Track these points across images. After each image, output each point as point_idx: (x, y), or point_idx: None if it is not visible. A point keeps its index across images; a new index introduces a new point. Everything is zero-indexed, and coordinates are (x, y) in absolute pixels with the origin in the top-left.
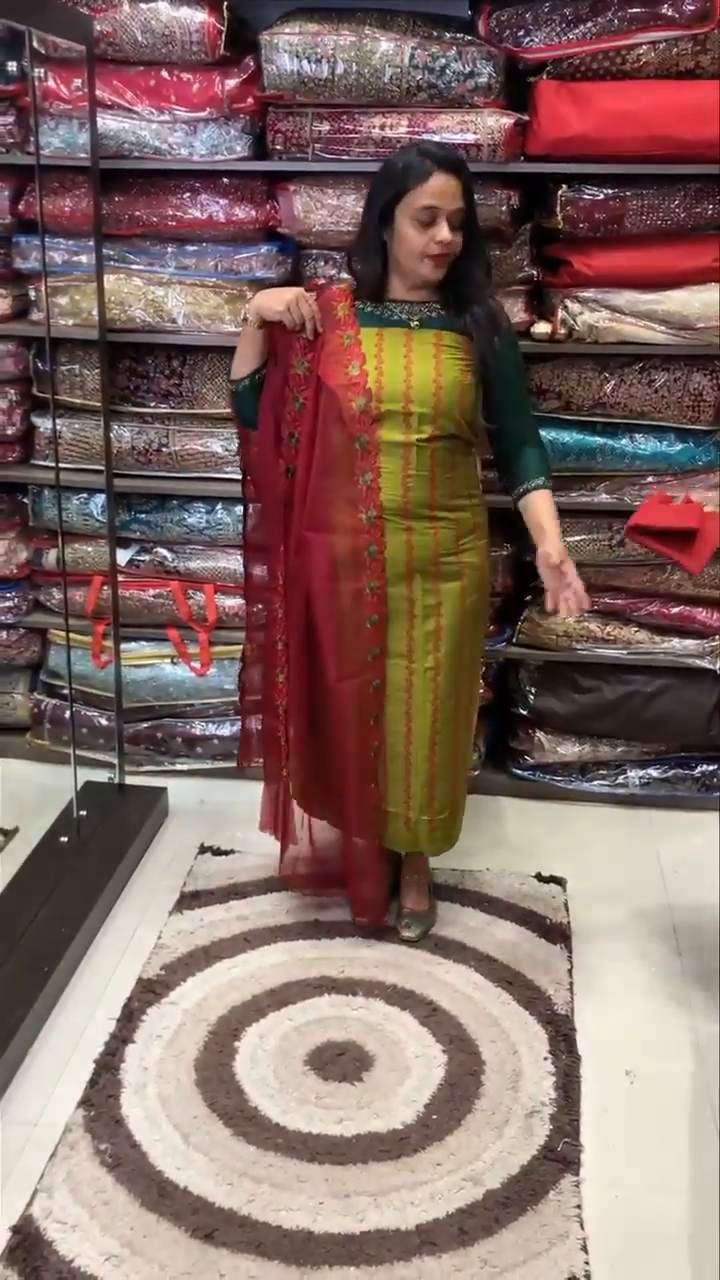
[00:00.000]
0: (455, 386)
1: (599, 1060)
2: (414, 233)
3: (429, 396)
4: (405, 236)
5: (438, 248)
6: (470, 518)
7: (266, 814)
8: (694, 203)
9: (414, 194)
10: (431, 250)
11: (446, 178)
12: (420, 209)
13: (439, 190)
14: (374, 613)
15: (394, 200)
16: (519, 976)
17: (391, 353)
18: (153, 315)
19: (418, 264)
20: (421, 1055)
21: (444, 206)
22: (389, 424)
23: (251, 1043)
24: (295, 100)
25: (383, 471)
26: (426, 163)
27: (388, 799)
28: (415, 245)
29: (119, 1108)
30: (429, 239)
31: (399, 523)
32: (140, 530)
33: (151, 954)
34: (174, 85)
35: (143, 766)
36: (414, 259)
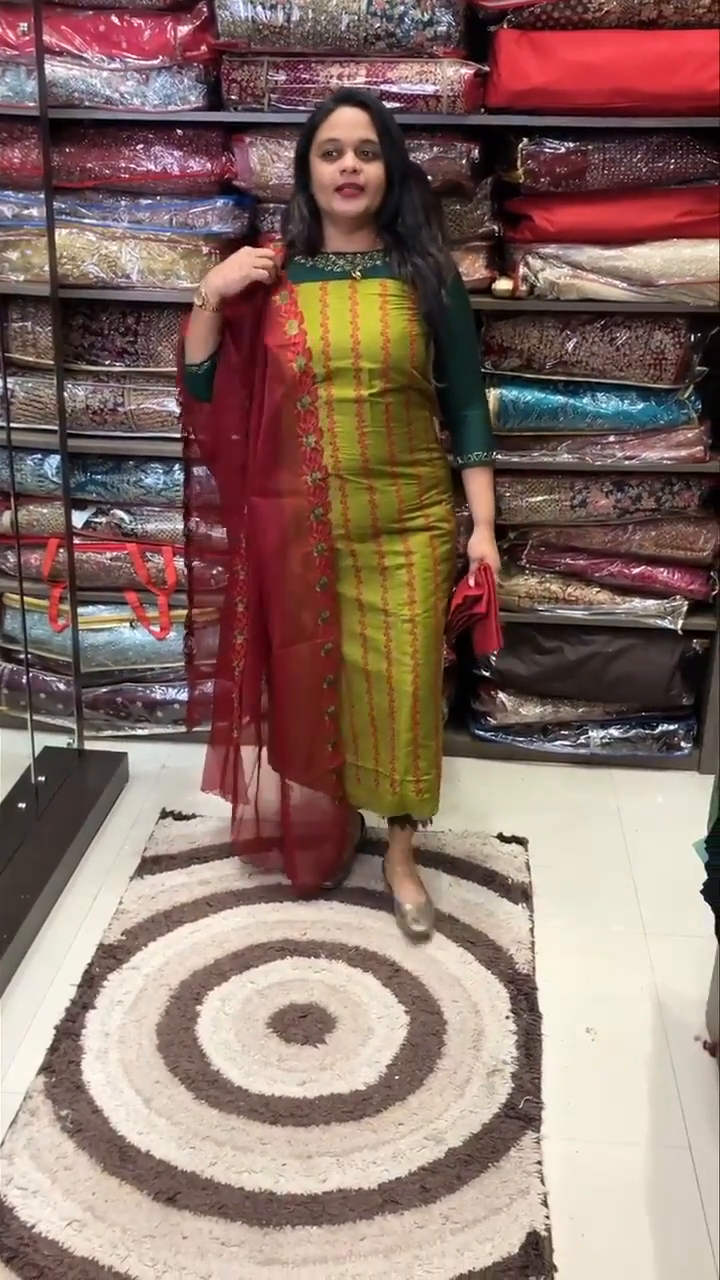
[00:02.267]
0: (404, 338)
1: (560, 1018)
2: (322, 167)
3: (378, 350)
4: (316, 174)
5: (342, 177)
6: (432, 472)
7: (212, 775)
8: (656, 157)
9: (320, 130)
10: (336, 180)
11: (348, 108)
12: (324, 142)
13: (339, 121)
14: (323, 575)
15: (306, 146)
16: (481, 937)
17: (336, 307)
18: (106, 271)
19: (331, 199)
20: (384, 1016)
21: (346, 137)
22: (340, 381)
23: (213, 1007)
24: (250, 48)
25: (338, 431)
26: (328, 102)
27: (373, 760)
28: (325, 179)
29: (80, 1074)
30: (335, 169)
31: (360, 482)
32: (96, 492)
33: (112, 919)
34: (124, 31)
35: (102, 732)
36: (326, 195)
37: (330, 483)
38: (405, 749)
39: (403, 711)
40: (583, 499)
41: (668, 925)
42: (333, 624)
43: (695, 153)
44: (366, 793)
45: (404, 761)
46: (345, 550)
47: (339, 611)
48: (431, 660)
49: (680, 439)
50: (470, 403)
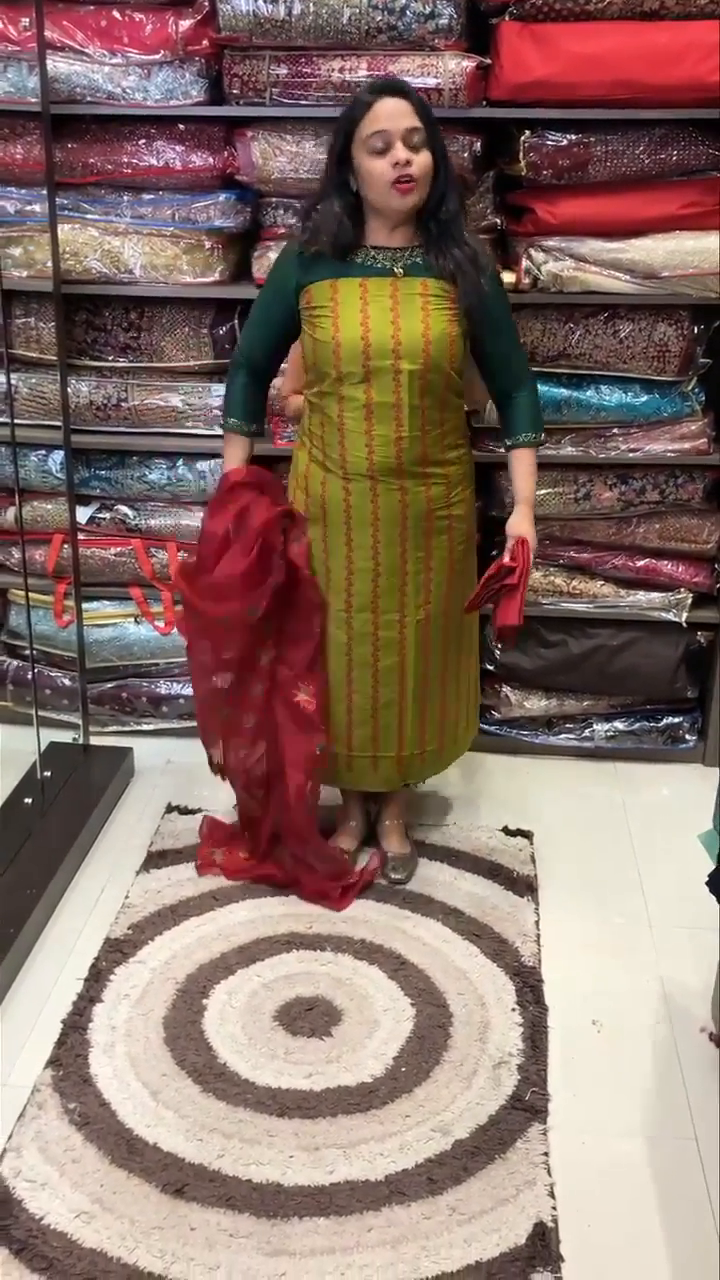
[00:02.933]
0: (444, 338)
1: (566, 1011)
2: (373, 163)
3: (418, 352)
4: (367, 172)
5: (397, 170)
6: (459, 470)
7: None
8: (658, 149)
9: (362, 125)
10: (391, 175)
11: (390, 99)
12: (371, 136)
13: (385, 113)
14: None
15: (347, 142)
16: (486, 929)
17: (377, 306)
18: (109, 266)
19: (388, 196)
20: (390, 1009)
21: (394, 128)
22: (379, 383)
23: (220, 1000)
24: (252, 42)
25: (375, 435)
26: (366, 94)
27: (372, 747)
28: (378, 175)
29: (87, 1067)
30: (388, 164)
31: (392, 483)
32: (100, 487)
33: (119, 914)
34: (126, 26)
35: (108, 727)
36: (382, 192)
37: (359, 483)
38: (413, 729)
39: (413, 702)
40: (587, 492)
41: (673, 918)
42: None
43: (697, 144)
44: (358, 776)
45: (412, 737)
46: (369, 551)
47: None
48: (440, 654)
49: (684, 431)
50: (519, 385)
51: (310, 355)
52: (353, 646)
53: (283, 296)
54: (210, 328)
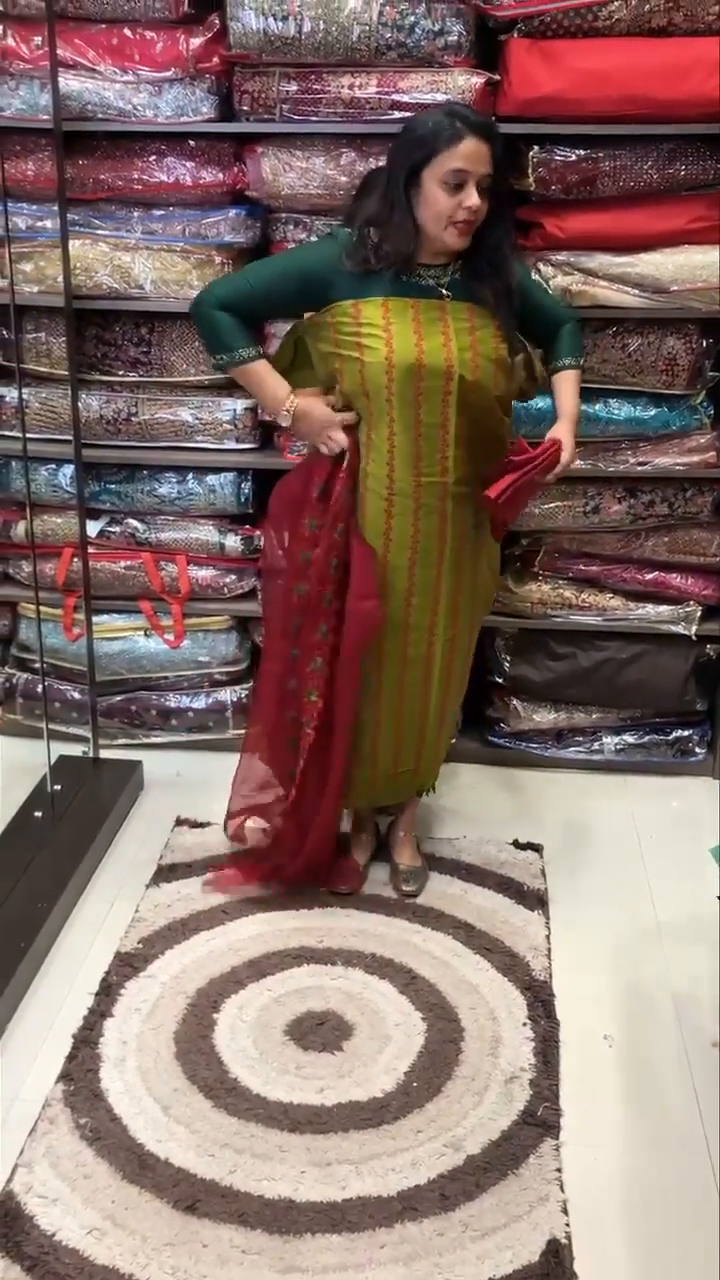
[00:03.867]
0: (493, 359)
1: (578, 1025)
2: (442, 196)
3: (470, 372)
4: (432, 200)
5: (465, 214)
6: None
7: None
8: (667, 163)
9: (444, 156)
10: (459, 216)
11: (478, 142)
12: (450, 172)
13: (470, 154)
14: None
15: (421, 164)
16: (497, 943)
17: (428, 326)
18: (120, 281)
19: (442, 230)
20: (401, 1023)
21: (474, 171)
22: (429, 403)
23: (231, 1014)
24: (262, 60)
25: (424, 455)
26: (458, 124)
27: (393, 763)
28: (443, 210)
29: (98, 1082)
30: (456, 204)
31: (434, 504)
32: (110, 501)
33: (129, 928)
34: (137, 44)
35: (117, 740)
36: (439, 224)
37: (403, 502)
38: (431, 749)
39: (434, 717)
40: (595, 505)
41: (684, 931)
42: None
43: (706, 159)
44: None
45: (429, 760)
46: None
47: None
48: (460, 673)
49: (693, 445)
50: (560, 322)
51: (356, 375)
52: (383, 665)
53: (314, 277)
54: None
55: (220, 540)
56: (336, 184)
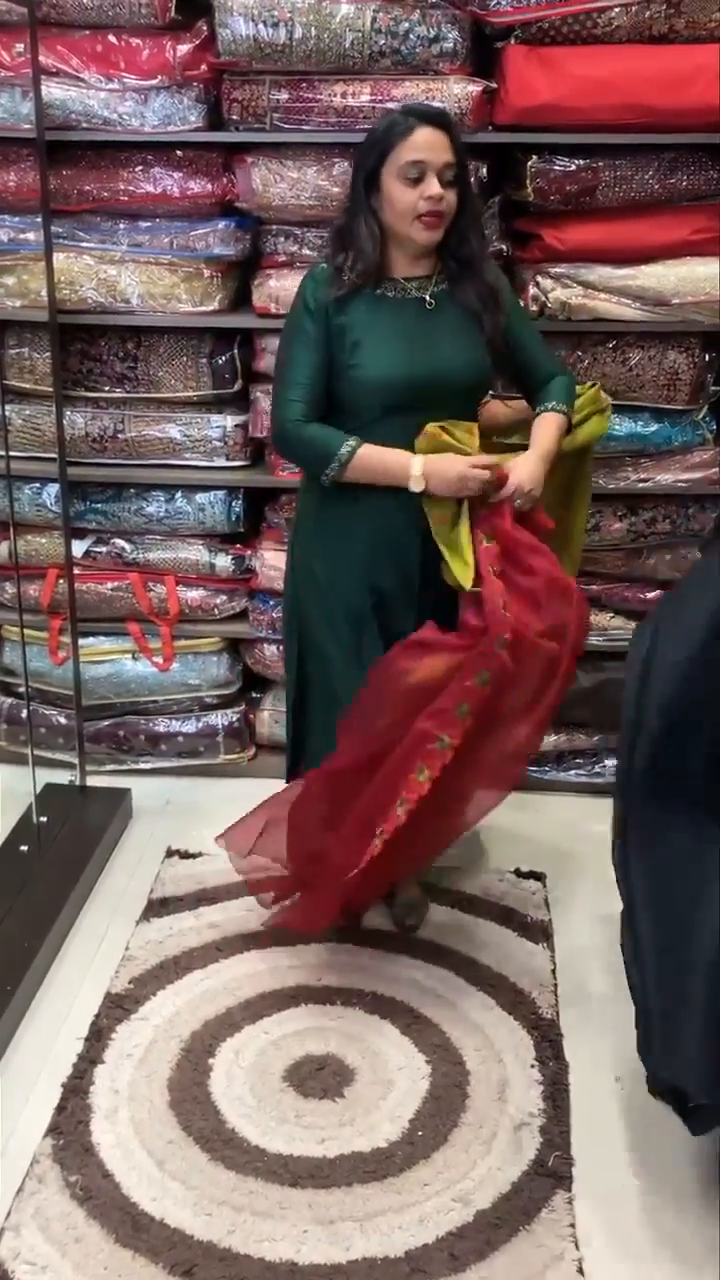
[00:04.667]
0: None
1: (587, 1066)
2: (403, 191)
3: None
4: (394, 198)
5: (428, 204)
6: None
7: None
8: (668, 174)
9: (398, 150)
10: (421, 208)
11: (432, 130)
12: (406, 164)
13: (424, 143)
14: None
15: (378, 163)
16: (501, 980)
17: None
18: (105, 295)
19: (408, 226)
20: (404, 1067)
21: (431, 160)
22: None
23: (227, 1059)
24: (251, 67)
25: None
26: (409, 118)
27: None
28: (405, 204)
29: (89, 1134)
30: (418, 196)
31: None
32: (96, 520)
33: (119, 967)
34: (122, 51)
35: (104, 766)
36: (404, 221)
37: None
38: None
39: None
40: (596, 523)
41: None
42: None
43: (708, 169)
44: None
45: None
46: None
47: None
48: None
49: (695, 461)
50: (553, 375)
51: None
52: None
53: (322, 320)
54: (209, 357)
55: (210, 560)
56: (329, 195)
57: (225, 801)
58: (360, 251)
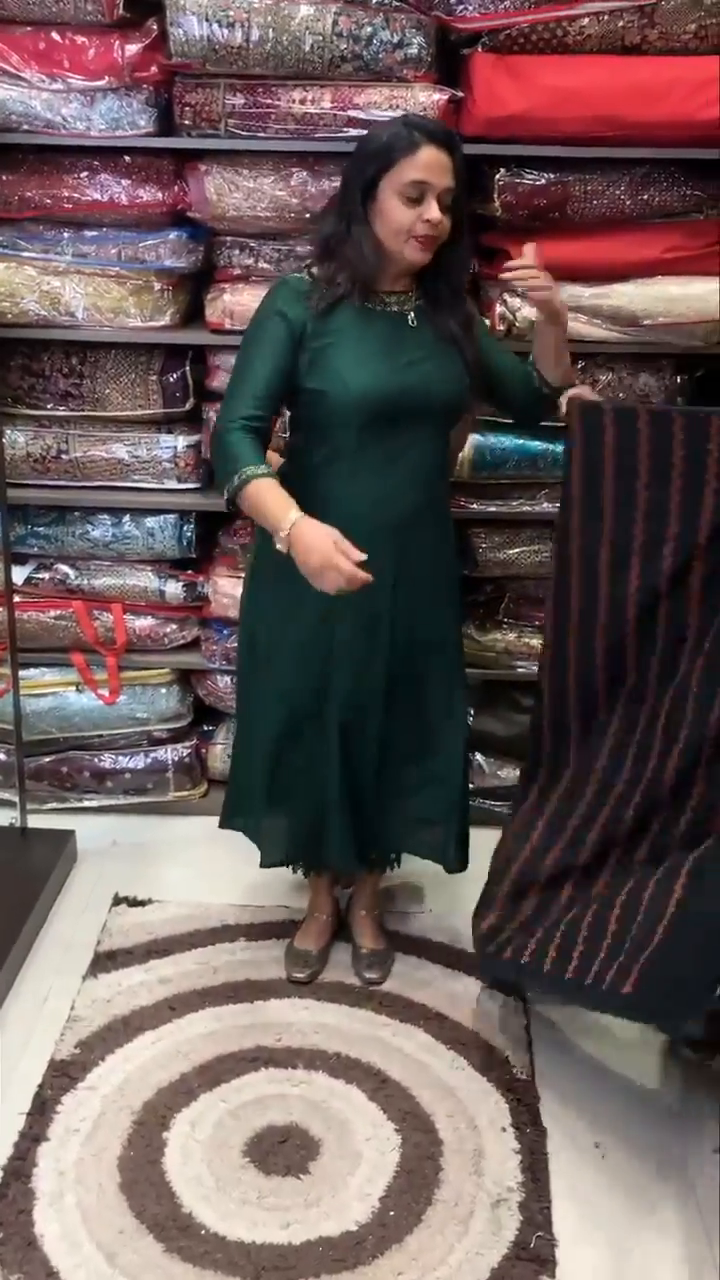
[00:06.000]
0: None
1: (566, 1132)
2: (400, 209)
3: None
4: (389, 214)
5: (425, 228)
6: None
7: None
8: (640, 190)
9: (401, 167)
10: (419, 230)
11: (437, 152)
12: (409, 184)
13: (429, 164)
14: None
15: (377, 176)
16: (473, 1037)
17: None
18: (48, 308)
19: (401, 245)
20: (373, 1137)
21: (434, 183)
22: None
23: (182, 1132)
24: (205, 70)
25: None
26: (415, 134)
27: None
28: (401, 223)
29: (32, 1225)
30: (416, 217)
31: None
32: (38, 545)
33: (64, 1029)
34: (67, 49)
35: (46, 804)
36: (397, 240)
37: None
38: None
39: None
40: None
41: None
42: None
43: (681, 185)
44: None
45: None
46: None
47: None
48: None
49: None
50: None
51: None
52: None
53: (292, 333)
54: (159, 374)
55: (160, 587)
56: (286, 206)
57: (176, 842)
58: (358, 261)
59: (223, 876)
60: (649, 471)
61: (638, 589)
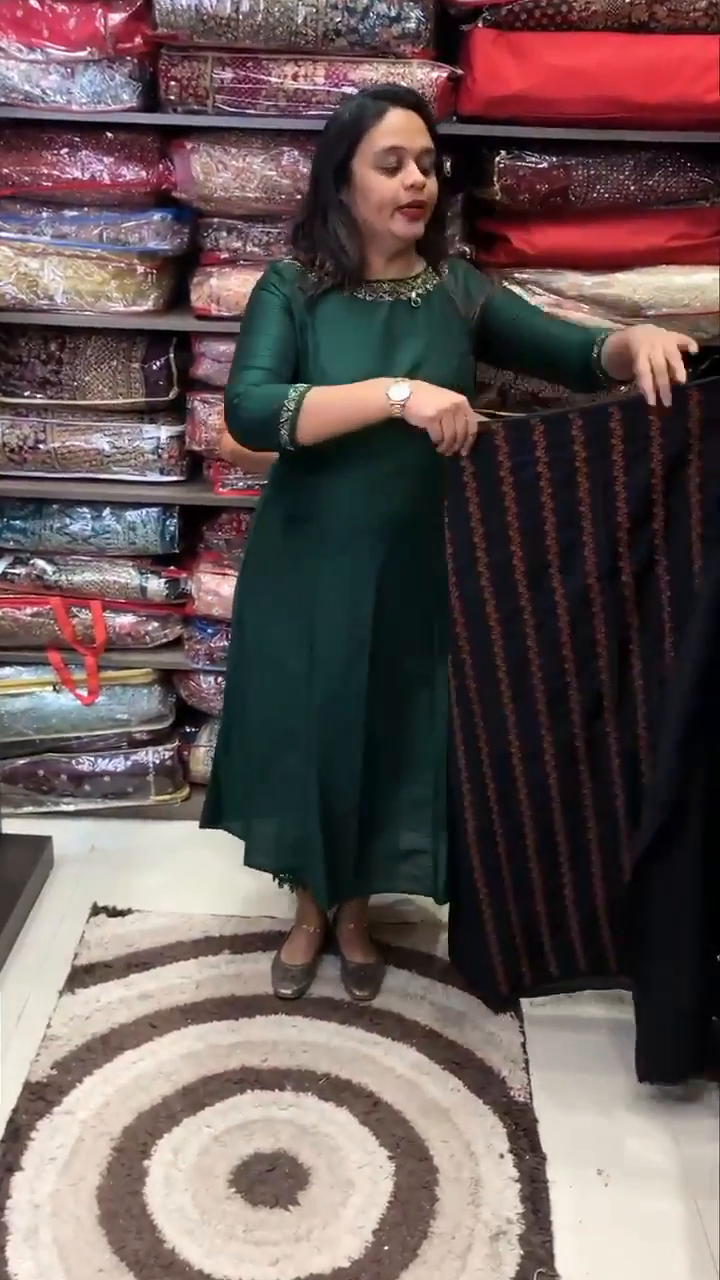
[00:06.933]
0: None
1: (566, 1158)
2: (380, 182)
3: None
4: (369, 190)
5: (410, 194)
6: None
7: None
8: (645, 174)
9: (371, 137)
10: (403, 199)
11: (405, 113)
12: (382, 152)
13: (400, 127)
14: None
15: (348, 154)
16: (468, 1056)
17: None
18: (25, 291)
19: (389, 220)
20: (365, 1164)
21: (409, 146)
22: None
23: (164, 1160)
24: (193, 41)
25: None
26: (379, 102)
27: None
28: (384, 195)
29: (4, 1264)
30: (399, 185)
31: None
32: (14, 539)
33: (39, 1049)
34: (46, 18)
35: (22, 809)
36: (383, 215)
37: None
38: None
39: None
40: None
41: None
42: None
43: (688, 170)
44: None
45: None
46: None
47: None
48: None
49: None
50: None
51: None
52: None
53: (288, 309)
54: (142, 362)
55: (141, 583)
56: (277, 187)
57: (156, 847)
58: (338, 251)
59: (206, 884)
60: (551, 482)
61: (564, 596)
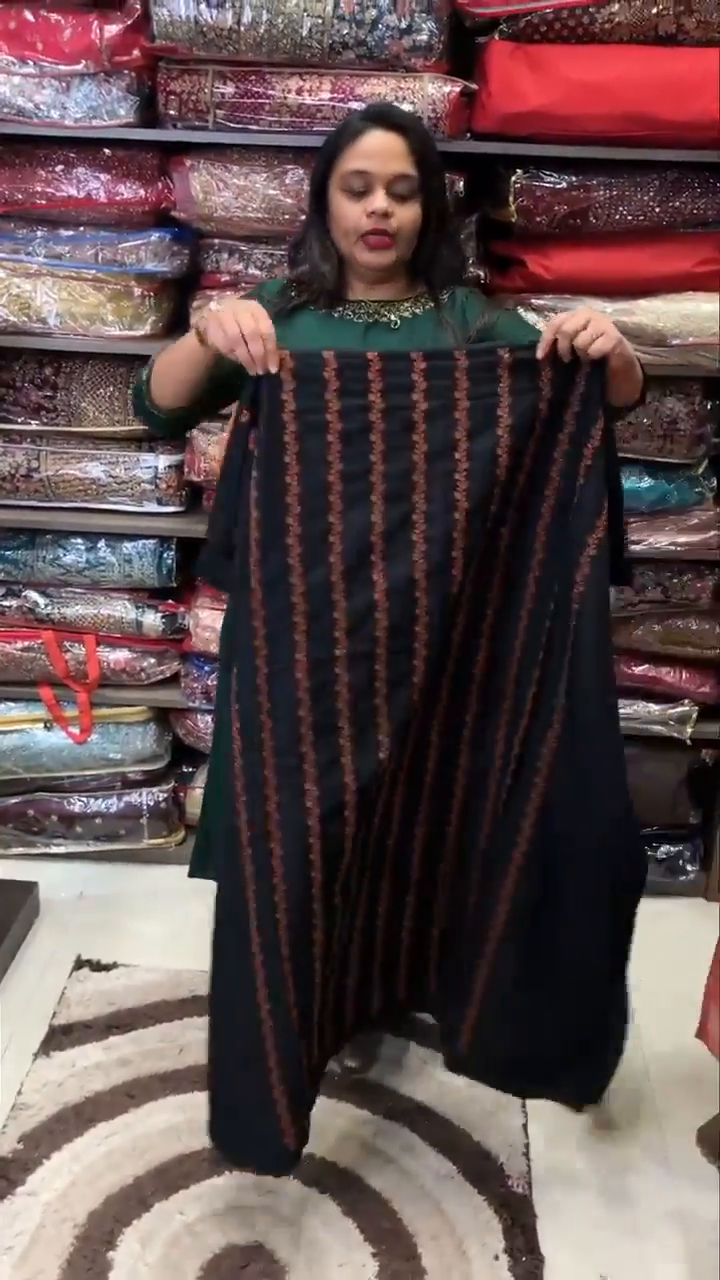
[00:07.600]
0: None
1: (567, 1260)
2: (345, 206)
3: None
4: (336, 214)
5: (370, 221)
6: None
7: None
8: (670, 196)
9: (343, 158)
10: (363, 226)
11: (383, 134)
12: (349, 174)
13: (371, 149)
14: None
15: (325, 174)
16: (463, 1138)
17: None
18: (18, 314)
19: (352, 246)
20: (346, 1263)
21: (377, 170)
22: None
23: (131, 1253)
24: (192, 54)
25: None
26: (362, 122)
27: None
28: (347, 220)
29: None
30: (361, 210)
31: None
32: (5, 571)
33: (8, 1119)
34: (40, 29)
35: (11, 850)
36: (348, 240)
37: None
38: None
39: None
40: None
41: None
42: None
43: (716, 191)
44: None
45: None
46: None
47: None
48: None
49: (693, 522)
50: None
51: None
52: None
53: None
54: None
55: (137, 618)
56: (280, 206)
57: (147, 895)
58: (315, 271)
59: (196, 935)
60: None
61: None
